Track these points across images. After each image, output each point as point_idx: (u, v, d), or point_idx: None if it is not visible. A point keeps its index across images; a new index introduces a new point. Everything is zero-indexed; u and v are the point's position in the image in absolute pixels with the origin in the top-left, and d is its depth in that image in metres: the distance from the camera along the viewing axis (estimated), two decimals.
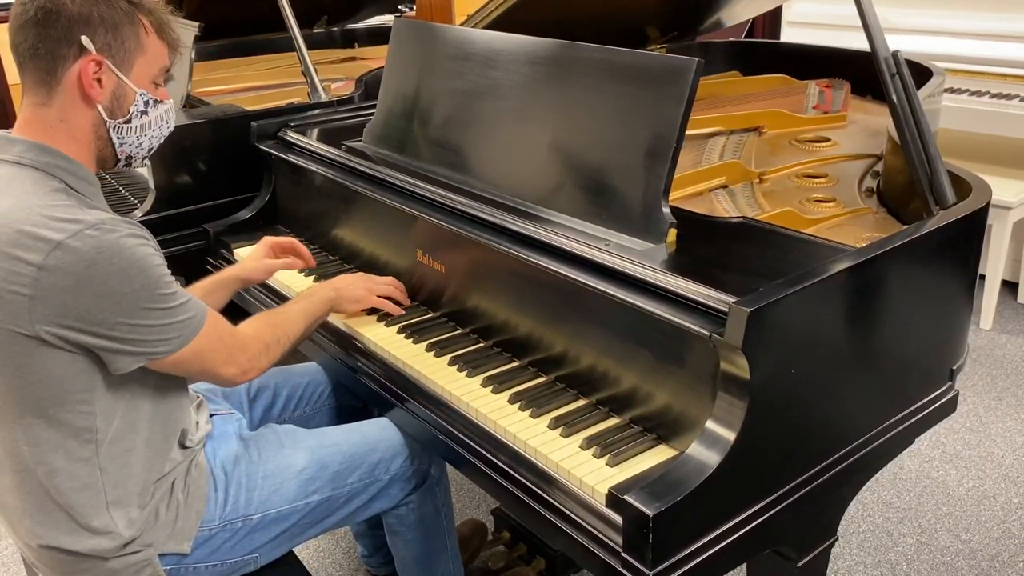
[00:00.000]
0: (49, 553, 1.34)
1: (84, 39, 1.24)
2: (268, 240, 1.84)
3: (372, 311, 1.77)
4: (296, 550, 1.60)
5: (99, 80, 1.27)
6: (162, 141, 1.41)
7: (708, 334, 1.20)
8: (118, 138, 1.33)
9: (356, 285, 1.72)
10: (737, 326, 1.15)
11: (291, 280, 1.96)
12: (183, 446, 1.43)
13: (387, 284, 1.77)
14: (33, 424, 1.27)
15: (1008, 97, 3.33)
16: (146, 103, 1.33)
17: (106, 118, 1.30)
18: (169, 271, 1.27)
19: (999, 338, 3.35)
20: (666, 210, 1.42)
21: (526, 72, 1.67)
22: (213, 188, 2.35)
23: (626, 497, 1.15)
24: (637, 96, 1.47)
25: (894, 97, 1.51)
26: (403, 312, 1.75)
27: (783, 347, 1.21)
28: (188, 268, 2.35)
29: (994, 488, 2.52)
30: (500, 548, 2.09)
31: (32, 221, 1.17)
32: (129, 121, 1.32)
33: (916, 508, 2.44)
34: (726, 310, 1.18)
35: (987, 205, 1.52)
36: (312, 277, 1.96)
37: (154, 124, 1.37)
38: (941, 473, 2.59)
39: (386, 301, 1.74)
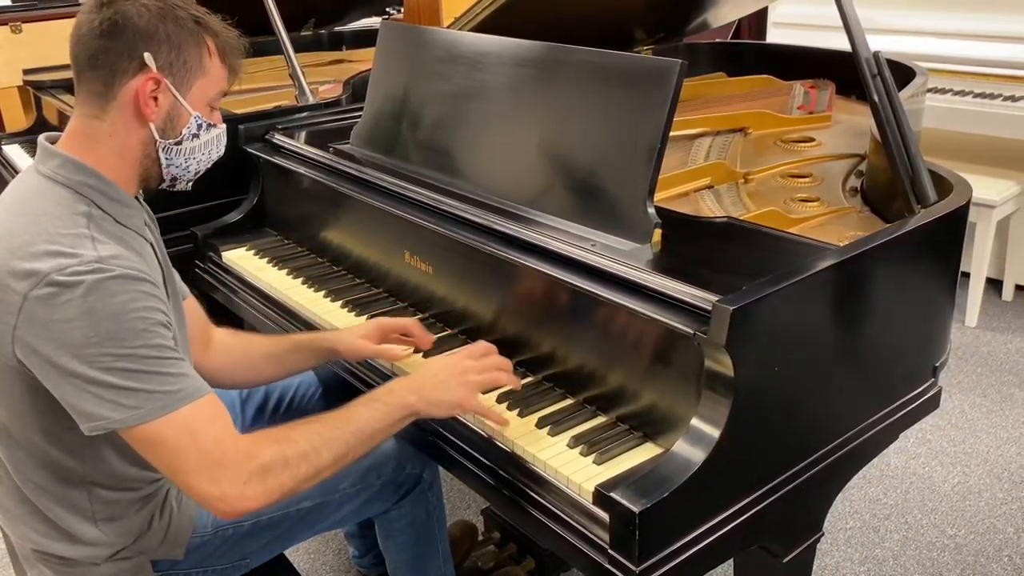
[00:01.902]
0: (42, 557, 1.35)
1: (147, 55, 1.21)
2: (380, 322, 1.58)
3: (353, 308, 1.78)
4: (287, 551, 1.60)
5: (155, 98, 1.24)
6: (209, 165, 1.37)
7: (692, 332, 1.21)
8: (166, 159, 1.29)
9: (449, 385, 1.32)
10: (720, 324, 1.16)
11: (278, 281, 1.97)
12: None
13: (491, 362, 1.40)
14: (19, 448, 1.28)
15: (991, 96, 3.36)
16: (199, 126, 1.30)
17: (157, 137, 1.26)
18: (162, 330, 1.17)
19: (984, 335, 3.38)
20: (651, 210, 1.43)
21: (513, 74, 1.68)
22: (200, 191, 2.31)
23: (612, 494, 1.16)
24: (622, 98, 1.48)
25: (875, 98, 1.53)
26: (520, 385, 1.43)
27: (766, 345, 1.23)
28: (177, 271, 2.35)
29: (979, 484, 2.54)
30: (490, 548, 2.10)
31: (32, 250, 1.15)
32: (180, 143, 1.29)
33: (902, 504, 2.46)
34: (710, 308, 1.19)
35: (968, 203, 1.54)
36: (300, 279, 1.97)
37: (203, 148, 1.33)
38: (927, 469, 2.61)
39: (496, 386, 1.41)
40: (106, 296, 1.13)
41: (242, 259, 2.11)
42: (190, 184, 1.37)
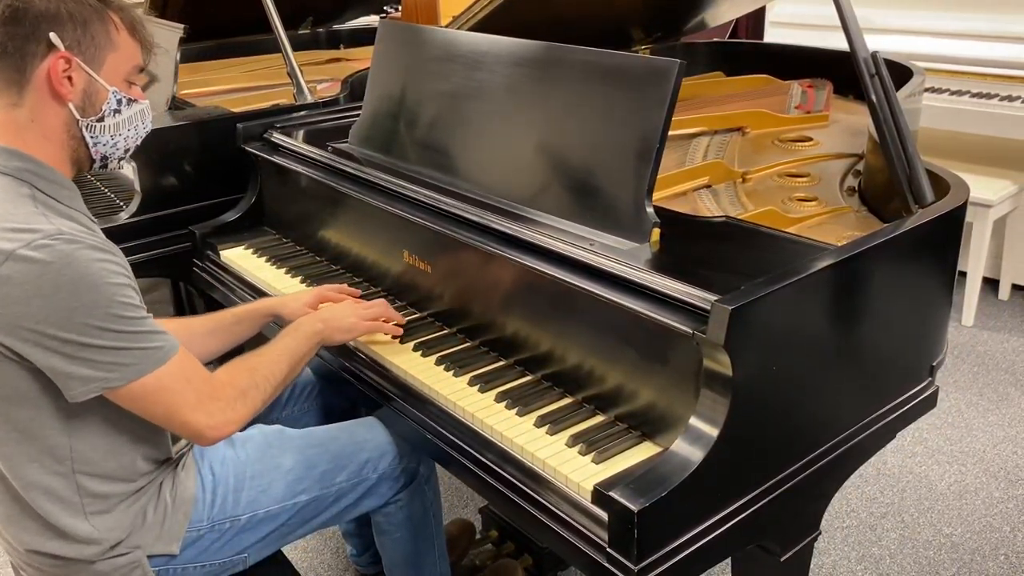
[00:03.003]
0: (36, 557, 1.34)
1: (52, 36, 1.23)
2: (321, 290, 1.75)
3: None
4: (285, 549, 1.61)
5: (69, 78, 1.25)
6: (139, 142, 1.39)
7: (691, 332, 1.21)
8: (91, 137, 1.31)
9: (345, 314, 1.61)
10: (719, 324, 1.16)
11: (277, 280, 1.97)
12: (168, 451, 1.43)
13: (377, 306, 1.67)
14: (7, 439, 1.28)
15: (988, 96, 3.37)
16: (119, 101, 1.32)
17: (78, 116, 1.28)
18: (134, 294, 1.23)
19: (980, 335, 3.39)
20: (650, 210, 1.44)
21: (511, 74, 1.68)
22: (199, 190, 2.35)
23: (611, 493, 1.16)
24: (621, 97, 1.48)
25: (873, 97, 1.53)
26: (402, 332, 1.67)
27: (765, 344, 1.23)
28: (175, 270, 2.36)
29: (975, 483, 2.55)
30: (488, 546, 2.10)
31: None
32: (102, 119, 1.30)
33: (899, 503, 2.47)
34: (708, 308, 1.20)
35: (965, 203, 1.54)
36: (299, 278, 1.97)
37: (128, 124, 1.34)
38: (924, 468, 2.62)
39: (381, 324, 1.65)
40: (79, 265, 1.16)
41: (240, 258, 2.11)
42: (121, 163, 1.40)
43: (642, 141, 1.44)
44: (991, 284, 3.69)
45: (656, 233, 1.43)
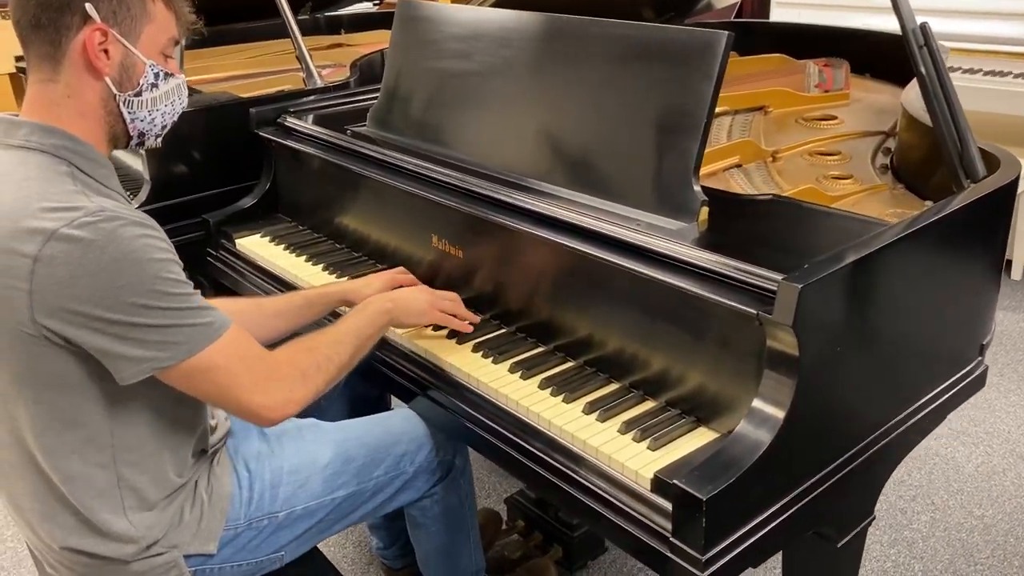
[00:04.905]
0: (70, 555, 1.29)
1: (88, 6, 1.17)
2: (393, 274, 1.69)
3: None
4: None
5: (105, 51, 1.20)
6: (176, 119, 1.34)
7: (755, 312, 1.16)
8: (129, 112, 1.26)
9: (418, 298, 1.55)
10: (787, 303, 1.12)
11: (297, 268, 1.91)
12: (204, 448, 1.38)
13: (451, 299, 1.60)
14: (48, 429, 1.22)
15: (1001, 74, 3.34)
16: (156, 75, 1.26)
17: (115, 91, 1.23)
18: (179, 269, 1.18)
19: (996, 315, 3.36)
20: (697, 188, 1.39)
21: (543, 49, 1.62)
22: (209, 177, 2.28)
23: (675, 481, 1.11)
24: (664, 72, 1.43)
25: (923, 69, 1.49)
26: (472, 330, 1.57)
27: (831, 324, 1.19)
28: (188, 259, 2.29)
29: (1003, 463, 2.52)
30: (515, 537, 2.06)
31: (29, 212, 1.12)
32: (139, 94, 1.25)
33: (927, 485, 2.44)
34: (773, 288, 1.15)
35: (1018, 178, 1.50)
36: (320, 266, 1.91)
37: (166, 99, 1.29)
38: (950, 450, 2.59)
39: (451, 317, 1.57)
40: (123, 243, 1.11)
41: (258, 246, 2.05)
42: (159, 140, 1.34)
43: (688, 116, 1.39)
44: (1005, 265, 3.66)
45: (705, 212, 1.38)
